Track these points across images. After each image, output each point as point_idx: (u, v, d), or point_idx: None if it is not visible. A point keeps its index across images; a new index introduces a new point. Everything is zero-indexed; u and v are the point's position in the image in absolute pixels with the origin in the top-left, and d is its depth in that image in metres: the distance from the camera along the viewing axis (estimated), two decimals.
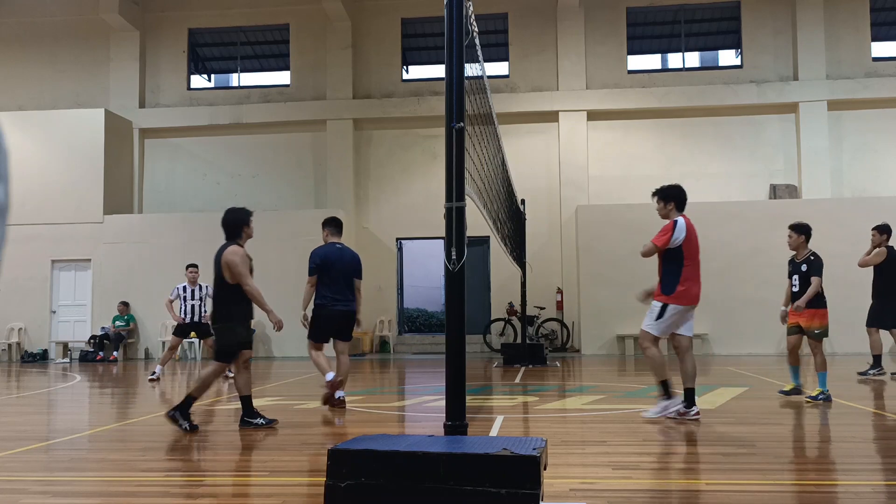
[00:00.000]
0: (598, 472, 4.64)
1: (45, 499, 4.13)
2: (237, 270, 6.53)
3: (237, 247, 6.73)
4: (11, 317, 18.20)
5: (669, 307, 6.64)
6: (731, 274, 16.10)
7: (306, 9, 19.85)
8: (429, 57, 20.35)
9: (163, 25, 20.44)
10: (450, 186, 4.78)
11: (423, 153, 19.14)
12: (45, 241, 18.08)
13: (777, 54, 18.75)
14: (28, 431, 6.83)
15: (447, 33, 4.93)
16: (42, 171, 18.13)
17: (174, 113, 20.07)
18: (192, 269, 11.94)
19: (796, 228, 8.29)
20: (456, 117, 4.82)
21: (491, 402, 8.64)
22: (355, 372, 13.61)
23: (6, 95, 20.24)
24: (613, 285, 16.96)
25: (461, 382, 4.88)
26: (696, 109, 18.74)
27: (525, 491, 3.09)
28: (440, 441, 3.74)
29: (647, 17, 19.50)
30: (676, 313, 6.66)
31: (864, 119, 18.31)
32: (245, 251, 6.79)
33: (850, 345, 15.73)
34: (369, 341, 18.56)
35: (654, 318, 6.71)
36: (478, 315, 18.02)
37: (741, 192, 18.29)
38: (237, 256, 6.59)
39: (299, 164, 19.84)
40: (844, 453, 5.27)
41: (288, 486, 4.47)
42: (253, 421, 6.60)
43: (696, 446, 5.57)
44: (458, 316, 4.85)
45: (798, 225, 8.30)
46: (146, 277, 17.63)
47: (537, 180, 18.51)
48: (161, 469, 4.96)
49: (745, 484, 4.29)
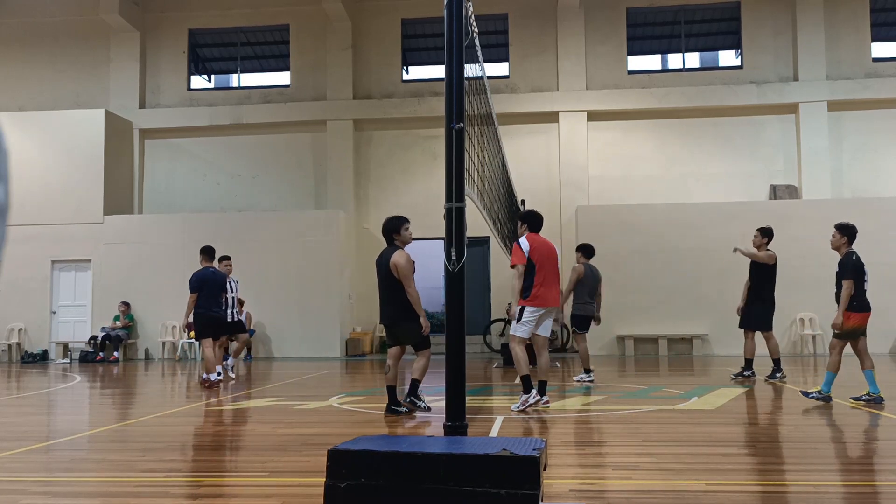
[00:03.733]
0: (598, 473, 4.64)
1: (45, 499, 4.13)
2: (404, 272, 7.12)
3: (402, 251, 7.29)
4: (11, 317, 18.20)
5: (527, 309, 7.53)
6: (731, 274, 16.06)
7: (306, 9, 19.86)
8: (429, 57, 20.35)
9: (163, 26, 20.45)
10: (450, 187, 4.79)
11: (423, 153, 19.14)
12: (45, 241, 18.08)
13: (777, 55, 18.75)
14: (28, 432, 6.83)
15: (447, 34, 4.94)
16: (42, 172, 18.14)
17: (174, 113, 20.07)
18: (228, 262, 11.81)
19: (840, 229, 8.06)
20: (456, 118, 4.82)
21: (491, 402, 8.64)
22: (355, 372, 13.62)
23: (6, 95, 20.25)
24: (613, 286, 16.93)
25: (461, 383, 4.89)
26: (696, 110, 18.75)
27: (525, 491, 3.09)
28: (440, 441, 3.74)
29: (647, 18, 19.50)
30: (534, 315, 7.54)
31: (864, 119, 18.31)
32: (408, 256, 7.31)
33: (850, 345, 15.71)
34: (369, 342, 18.56)
35: (516, 322, 7.62)
36: (478, 315, 18.02)
37: (741, 192, 18.29)
38: (402, 258, 7.17)
39: (299, 165, 19.85)
40: (845, 453, 5.28)
41: (288, 486, 4.47)
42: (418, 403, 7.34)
43: (696, 446, 5.58)
44: (458, 316, 4.86)
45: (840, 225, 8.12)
46: (146, 278, 17.63)
47: (537, 181, 18.51)
48: (161, 469, 4.96)
49: (745, 484, 4.29)
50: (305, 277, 17.23)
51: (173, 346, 17.63)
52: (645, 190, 18.51)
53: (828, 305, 15.26)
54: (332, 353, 17.27)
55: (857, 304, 7.72)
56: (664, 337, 16.76)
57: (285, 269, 17.42)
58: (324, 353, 17.12)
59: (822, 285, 16.15)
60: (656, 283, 16.81)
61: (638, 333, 16.87)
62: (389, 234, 7.40)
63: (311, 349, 17.28)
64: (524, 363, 7.51)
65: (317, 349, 17.22)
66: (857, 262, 7.79)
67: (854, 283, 7.70)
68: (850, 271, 7.74)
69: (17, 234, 16.95)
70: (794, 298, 16.14)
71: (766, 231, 10.96)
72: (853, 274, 7.72)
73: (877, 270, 16.40)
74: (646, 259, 16.88)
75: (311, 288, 17.27)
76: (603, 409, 7.69)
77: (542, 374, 7.71)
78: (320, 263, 17.48)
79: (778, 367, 10.51)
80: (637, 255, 16.95)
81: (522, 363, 7.50)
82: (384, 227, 7.48)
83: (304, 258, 17.39)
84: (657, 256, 16.85)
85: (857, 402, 7.69)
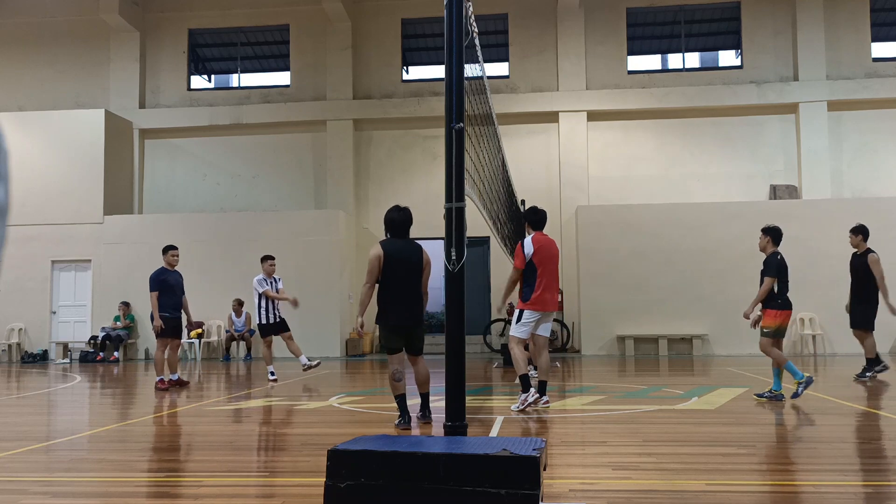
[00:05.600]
0: (597, 473, 4.64)
1: (45, 499, 4.13)
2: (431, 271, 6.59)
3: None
4: (11, 317, 18.21)
5: (526, 312, 7.58)
6: (731, 274, 16.11)
7: (306, 9, 19.86)
8: (429, 57, 20.35)
9: (163, 26, 20.45)
10: (450, 187, 4.78)
11: (424, 154, 19.15)
12: (46, 241, 18.09)
13: (777, 55, 18.75)
14: (28, 432, 6.83)
15: (447, 34, 4.93)
16: (42, 172, 18.14)
17: (174, 113, 20.08)
18: (272, 262, 11.35)
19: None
20: (456, 118, 4.82)
21: (491, 402, 8.64)
22: (355, 372, 13.62)
23: (6, 96, 20.25)
24: (613, 286, 16.97)
25: (461, 383, 4.88)
26: (696, 110, 18.75)
27: (525, 491, 3.09)
28: (440, 441, 3.74)
29: (647, 18, 19.50)
30: (533, 318, 7.59)
31: (864, 119, 18.31)
32: None
33: (850, 345, 15.73)
34: (369, 342, 18.56)
35: (515, 323, 7.66)
36: (478, 315, 18.01)
37: (741, 192, 18.29)
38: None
39: (299, 165, 19.85)
40: (844, 454, 5.27)
41: (288, 486, 4.47)
42: (429, 416, 6.60)
43: (696, 446, 5.58)
44: (458, 316, 4.86)
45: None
46: (146, 278, 17.52)
47: (537, 181, 18.51)
48: (161, 469, 4.96)
49: (745, 484, 4.29)
50: (305, 277, 17.22)
51: None
52: (645, 190, 18.51)
53: (828, 305, 15.31)
54: (332, 353, 17.28)
55: (781, 301, 8.07)
56: (664, 337, 16.76)
57: (285, 269, 17.35)
58: (323, 353, 17.11)
59: (822, 285, 16.19)
60: (656, 283, 16.81)
61: (638, 333, 16.87)
62: (408, 226, 6.62)
63: (310, 349, 17.26)
64: (523, 363, 7.56)
65: (316, 349, 17.21)
66: (781, 261, 8.12)
67: (777, 282, 8.03)
68: (773, 269, 8.05)
69: (17, 234, 16.95)
70: (794, 298, 16.04)
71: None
72: (776, 272, 8.03)
73: None
74: (646, 259, 16.88)
75: (310, 288, 17.25)
76: (603, 409, 7.68)
77: (543, 374, 7.71)
78: (320, 263, 17.48)
79: (871, 366, 10.18)
80: (637, 254, 16.95)
81: (521, 363, 7.55)
82: (405, 217, 6.58)
83: (304, 258, 17.39)
84: (657, 256, 16.85)
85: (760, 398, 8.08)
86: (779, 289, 8.05)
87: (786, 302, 8.08)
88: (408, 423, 6.32)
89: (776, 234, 8.33)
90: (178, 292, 10.70)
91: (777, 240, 8.30)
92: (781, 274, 8.05)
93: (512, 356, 7.69)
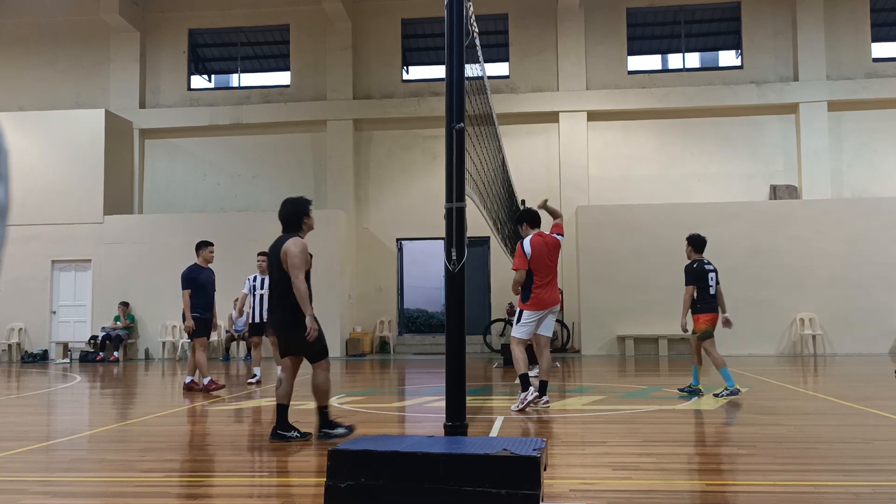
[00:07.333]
0: (598, 473, 4.64)
1: (45, 499, 4.13)
2: (293, 262, 5.91)
3: (298, 238, 6.12)
4: (11, 317, 18.20)
5: (525, 312, 7.64)
6: (731, 274, 16.04)
7: (306, 9, 19.86)
8: (429, 57, 20.35)
9: (163, 26, 20.45)
10: (450, 187, 4.78)
11: (424, 154, 19.14)
12: (46, 241, 18.09)
13: (777, 55, 18.75)
14: (28, 432, 6.82)
15: (447, 34, 4.93)
16: (42, 172, 18.14)
17: (174, 113, 20.08)
18: (264, 258, 11.00)
19: None
20: (456, 118, 4.82)
21: (491, 402, 8.64)
22: (355, 372, 13.61)
23: (6, 95, 20.25)
24: (613, 286, 16.97)
25: (461, 383, 4.88)
26: (696, 110, 18.75)
27: (525, 491, 3.09)
28: (440, 441, 3.74)
29: (647, 18, 19.50)
30: (534, 318, 7.64)
31: (864, 119, 18.31)
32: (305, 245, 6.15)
33: (850, 345, 15.76)
34: (370, 342, 18.56)
35: (516, 323, 7.72)
36: (478, 315, 18.02)
37: (741, 192, 18.29)
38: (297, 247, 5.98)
39: (299, 165, 19.84)
40: (844, 454, 5.27)
41: (288, 486, 4.47)
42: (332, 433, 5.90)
43: (696, 446, 5.58)
44: (459, 316, 4.85)
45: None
46: (146, 278, 17.62)
47: (537, 181, 18.50)
48: (161, 469, 4.96)
49: (745, 484, 4.29)
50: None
51: (173, 346, 17.63)
52: (645, 190, 18.51)
53: (828, 305, 15.33)
54: (332, 353, 17.21)
55: (701, 306, 8.47)
56: (664, 337, 16.75)
57: None
58: None
59: (822, 285, 16.21)
60: (656, 283, 16.79)
61: (638, 333, 16.87)
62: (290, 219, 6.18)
63: None
64: (523, 363, 7.62)
65: None
66: (698, 269, 8.51)
67: (696, 289, 8.46)
68: (690, 277, 8.51)
69: (17, 234, 16.94)
70: (794, 298, 16.15)
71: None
72: (693, 280, 8.48)
73: (877, 270, 16.49)
74: (646, 259, 16.87)
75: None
76: (603, 409, 7.69)
77: (544, 375, 7.74)
78: (320, 263, 17.36)
79: None
80: (637, 254, 16.95)
81: (521, 362, 7.61)
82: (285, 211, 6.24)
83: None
84: (657, 256, 16.84)
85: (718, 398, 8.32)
86: (699, 294, 8.46)
87: (706, 305, 8.47)
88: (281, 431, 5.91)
89: (696, 241, 8.71)
90: (209, 291, 10.21)
91: (699, 248, 8.69)
92: (699, 280, 8.46)
93: (512, 356, 7.73)
